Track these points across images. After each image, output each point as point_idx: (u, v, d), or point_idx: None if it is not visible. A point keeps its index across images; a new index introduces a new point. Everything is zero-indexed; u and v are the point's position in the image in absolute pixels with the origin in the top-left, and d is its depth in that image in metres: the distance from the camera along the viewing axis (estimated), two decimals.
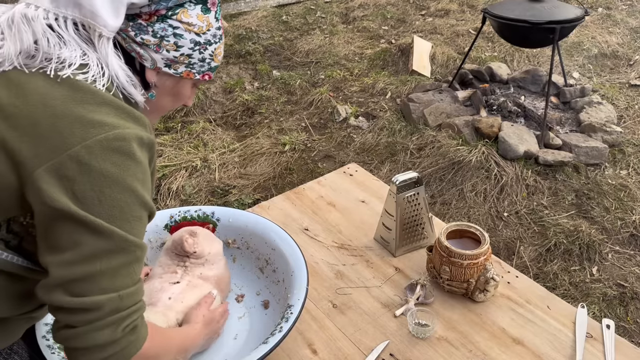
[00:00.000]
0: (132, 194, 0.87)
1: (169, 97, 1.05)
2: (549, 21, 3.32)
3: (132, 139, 0.87)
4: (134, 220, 0.88)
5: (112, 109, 0.88)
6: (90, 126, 0.84)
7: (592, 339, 1.28)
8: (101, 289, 0.86)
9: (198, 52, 0.99)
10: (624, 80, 4.35)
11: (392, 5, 6.02)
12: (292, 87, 4.39)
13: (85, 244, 0.84)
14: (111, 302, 0.87)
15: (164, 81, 1.01)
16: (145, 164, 0.90)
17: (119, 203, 0.86)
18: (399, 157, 3.46)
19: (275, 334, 1.16)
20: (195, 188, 3.25)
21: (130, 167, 0.86)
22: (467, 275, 1.35)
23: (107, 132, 0.85)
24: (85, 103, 0.86)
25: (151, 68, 0.98)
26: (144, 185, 0.90)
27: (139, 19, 0.94)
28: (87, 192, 0.84)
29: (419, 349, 1.27)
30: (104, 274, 0.86)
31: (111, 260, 0.86)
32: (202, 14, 0.97)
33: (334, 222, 1.68)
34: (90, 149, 0.83)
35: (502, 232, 2.88)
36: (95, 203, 0.84)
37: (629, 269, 2.63)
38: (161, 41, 0.95)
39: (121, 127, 0.86)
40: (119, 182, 0.85)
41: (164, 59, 0.97)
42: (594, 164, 3.32)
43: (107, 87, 0.91)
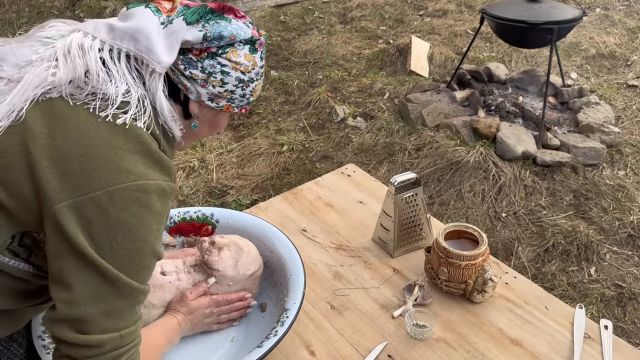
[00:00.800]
0: (143, 244, 0.90)
1: (207, 127, 1.10)
2: (546, 21, 3.32)
3: (153, 192, 0.90)
4: (142, 269, 0.92)
5: (142, 156, 0.91)
6: (116, 173, 0.87)
7: (590, 339, 1.28)
8: (104, 329, 0.90)
9: (241, 89, 1.03)
10: (622, 81, 4.35)
11: (390, 6, 6.03)
12: (290, 87, 4.39)
13: (92, 285, 0.88)
14: (113, 341, 0.91)
15: (205, 113, 1.06)
16: (162, 214, 0.93)
17: (130, 252, 0.89)
18: (397, 158, 3.46)
19: (271, 337, 1.16)
20: (192, 189, 3.24)
21: (147, 219, 0.89)
22: (465, 276, 1.35)
23: (131, 182, 0.88)
24: (118, 149, 0.89)
25: (195, 100, 1.02)
26: (157, 235, 0.93)
27: (189, 54, 0.97)
28: (102, 237, 0.87)
29: (417, 350, 1.26)
30: (107, 315, 0.90)
31: (114, 304, 0.90)
32: (249, 54, 1.01)
33: (331, 222, 1.68)
34: (111, 195, 0.86)
35: (500, 233, 2.88)
36: (108, 248, 0.87)
37: (626, 269, 2.63)
38: (209, 77, 0.99)
39: (146, 177, 0.89)
40: (133, 233, 0.88)
41: (208, 93, 1.01)
42: (592, 165, 3.32)
43: (147, 125, 0.93)
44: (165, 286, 1.26)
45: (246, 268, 1.31)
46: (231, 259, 1.30)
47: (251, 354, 1.11)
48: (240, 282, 1.30)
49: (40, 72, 0.91)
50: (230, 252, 1.30)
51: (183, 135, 1.06)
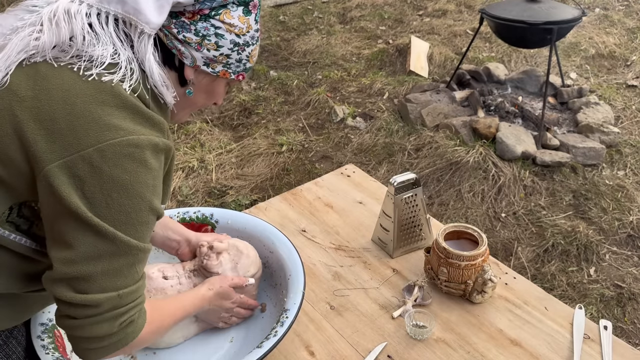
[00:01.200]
0: (140, 200, 0.89)
1: (203, 95, 1.07)
2: (546, 22, 3.32)
3: (145, 146, 0.88)
4: (140, 225, 0.91)
5: (131, 113, 0.89)
6: (105, 129, 0.86)
7: (590, 340, 1.28)
8: (101, 288, 0.89)
9: (236, 52, 1.01)
10: (621, 81, 4.36)
11: (390, 6, 6.03)
12: (290, 87, 4.39)
13: (89, 244, 0.87)
14: (110, 301, 0.90)
15: (201, 79, 1.03)
16: (158, 170, 0.92)
17: (126, 208, 0.88)
18: (396, 158, 3.46)
19: (270, 338, 1.15)
20: (192, 189, 3.24)
21: (141, 174, 0.88)
22: (465, 276, 1.35)
23: (122, 137, 0.86)
24: (105, 105, 0.88)
25: (190, 65, 1.00)
26: (154, 191, 0.91)
27: (182, 17, 0.96)
28: (96, 194, 0.86)
29: (417, 350, 1.26)
30: (105, 274, 0.89)
31: (113, 262, 0.89)
32: (243, 16, 0.99)
33: (331, 223, 1.68)
34: (102, 152, 0.85)
35: (499, 233, 2.88)
36: (103, 206, 0.86)
37: (626, 269, 2.63)
38: (203, 40, 0.97)
39: (136, 132, 0.88)
40: (128, 189, 0.87)
41: (203, 57, 0.99)
42: (592, 165, 3.32)
43: (133, 88, 0.92)
44: (167, 290, 1.27)
45: (245, 270, 1.31)
46: (230, 262, 1.30)
47: (251, 354, 1.11)
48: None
49: (24, 37, 0.90)
50: (230, 255, 1.30)
51: (178, 105, 1.05)
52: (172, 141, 0.95)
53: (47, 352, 1.12)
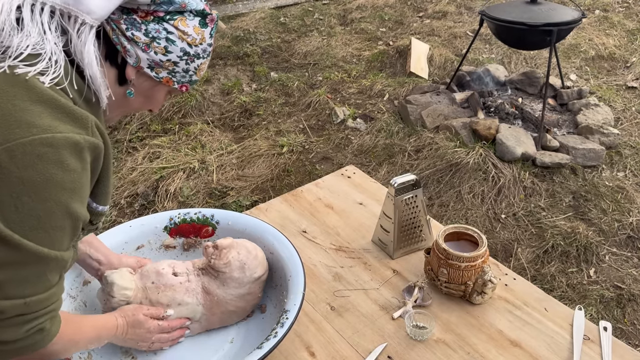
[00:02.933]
0: (53, 204, 0.82)
1: (141, 98, 1.03)
2: (546, 23, 3.33)
3: (62, 146, 0.81)
4: (54, 230, 0.84)
5: (48, 108, 0.82)
6: (15, 126, 0.79)
7: (590, 341, 1.28)
8: (6, 295, 0.83)
9: (185, 62, 0.98)
10: (621, 82, 4.36)
11: (390, 7, 6.03)
12: (290, 88, 4.39)
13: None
14: (15, 308, 0.84)
15: (142, 82, 0.99)
16: (80, 170, 0.85)
17: (37, 212, 0.81)
18: (396, 159, 3.47)
19: (270, 339, 1.16)
20: (193, 190, 3.25)
21: (56, 175, 0.81)
22: (465, 277, 1.35)
23: (34, 136, 0.79)
24: (17, 99, 0.81)
25: (133, 65, 0.96)
26: (73, 194, 0.84)
27: (134, 14, 0.92)
28: (4, 197, 0.79)
29: (417, 351, 1.27)
30: (10, 282, 0.83)
31: (18, 271, 0.83)
32: (199, 27, 0.97)
33: (332, 224, 1.68)
34: (11, 152, 0.78)
35: (499, 234, 2.89)
36: (12, 210, 0.79)
37: (626, 270, 2.63)
38: (152, 42, 0.94)
39: (52, 130, 0.80)
40: (40, 192, 0.80)
41: (149, 59, 0.95)
42: (591, 166, 3.33)
43: (57, 82, 0.86)
44: (175, 287, 1.27)
45: (253, 271, 1.31)
46: (238, 261, 1.30)
47: (251, 355, 1.11)
48: (246, 284, 1.31)
49: None
50: (238, 255, 1.31)
51: (113, 104, 0.99)
52: (100, 138, 0.89)
53: None
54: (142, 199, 3.18)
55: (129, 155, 3.59)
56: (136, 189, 3.25)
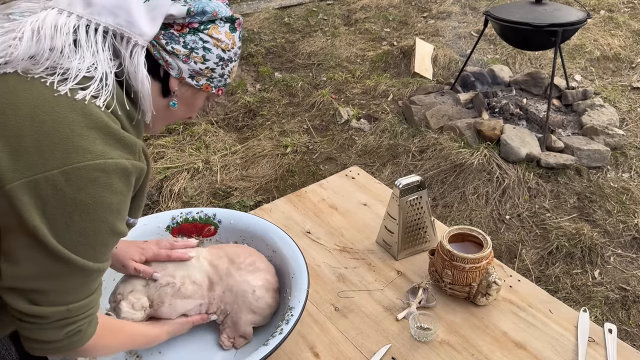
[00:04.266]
0: (101, 224, 0.88)
1: (184, 107, 1.07)
2: (551, 24, 3.32)
3: (112, 171, 0.86)
4: (99, 247, 0.90)
5: (102, 134, 0.87)
6: (72, 151, 0.83)
7: (594, 343, 1.28)
8: (51, 302, 0.90)
9: (220, 67, 1.02)
10: (626, 83, 4.35)
11: (394, 8, 6.03)
12: (294, 89, 4.39)
13: (42, 265, 0.86)
14: (58, 314, 0.91)
15: (184, 91, 1.03)
16: (126, 193, 0.91)
17: (86, 231, 0.87)
18: (400, 160, 3.46)
19: (276, 335, 1.16)
20: (197, 190, 3.25)
21: (105, 199, 0.87)
22: (469, 279, 1.35)
23: (89, 161, 0.84)
24: (75, 125, 0.85)
25: (176, 77, 1.00)
26: (118, 215, 0.90)
27: (171, 29, 0.96)
28: (57, 217, 0.84)
29: (421, 352, 1.26)
30: (55, 291, 0.89)
31: (64, 282, 0.90)
32: (229, 32, 1.01)
33: (336, 225, 1.68)
34: (67, 175, 0.83)
35: (504, 235, 2.88)
36: (63, 228, 0.85)
37: (631, 272, 2.62)
38: (191, 52, 0.98)
39: (105, 156, 0.86)
40: (90, 212, 0.86)
41: (190, 69, 0.99)
42: (596, 167, 3.31)
43: (107, 104, 0.89)
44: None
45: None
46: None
47: (257, 352, 1.11)
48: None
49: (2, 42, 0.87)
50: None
51: (157, 116, 1.04)
52: (144, 161, 0.94)
53: None
54: (147, 199, 3.19)
55: None
56: None
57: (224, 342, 1.28)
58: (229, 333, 1.29)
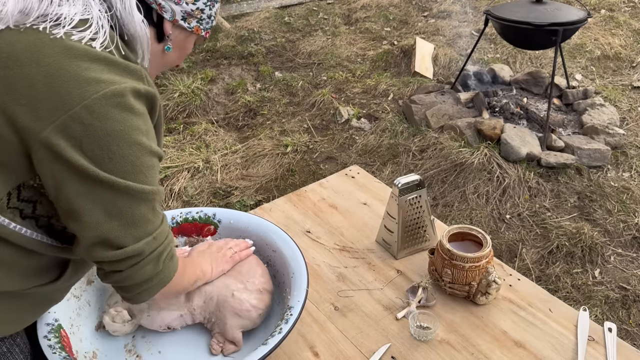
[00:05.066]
0: (139, 147, 0.88)
1: (177, 52, 1.08)
2: (551, 23, 3.32)
3: (128, 93, 0.87)
4: (147, 170, 0.91)
5: (106, 65, 0.87)
6: (86, 84, 0.84)
7: (594, 342, 1.28)
8: (137, 237, 0.92)
9: (209, 7, 1.03)
10: (627, 82, 4.34)
11: (395, 7, 6.02)
12: (294, 88, 4.39)
13: (107, 202, 0.87)
14: (149, 245, 0.93)
15: (177, 34, 1.04)
16: (146, 114, 0.91)
17: (130, 158, 0.87)
18: (401, 159, 3.46)
19: (275, 335, 1.16)
20: (197, 189, 3.25)
21: (132, 121, 0.87)
22: (469, 278, 1.35)
23: (105, 89, 0.84)
24: (79, 60, 0.85)
25: (169, 20, 1.00)
26: (149, 135, 0.91)
27: None
28: (96, 151, 0.85)
29: (421, 351, 1.26)
30: (133, 225, 0.91)
31: (135, 212, 0.91)
32: None
33: (335, 224, 1.68)
34: (90, 108, 0.83)
35: (504, 234, 2.88)
36: (107, 161, 0.85)
37: (631, 271, 2.62)
38: None
39: (117, 82, 0.86)
40: (125, 138, 0.86)
41: (182, 11, 1.00)
42: (597, 166, 3.31)
43: (105, 46, 0.90)
44: None
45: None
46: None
47: (256, 351, 1.11)
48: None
49: None
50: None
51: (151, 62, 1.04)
52: (154, 87, 0.94)
53: (54, 351, 1.12)
54: None
55: None
56: None
57: (213, 347, 1.27)
58: (219, 338, 1.28)
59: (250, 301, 1.27)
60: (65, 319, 1.23)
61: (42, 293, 1.05)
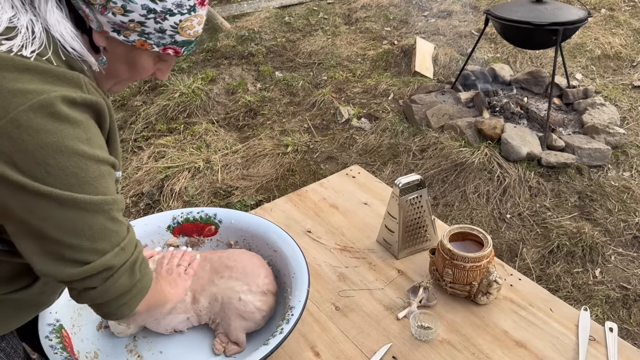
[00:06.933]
0: (80, 157, 0.82)
1: (124, 65, 0.95)
2: (551, 23, 3.31)
3: (58, 102, 0.80)
4: (94, 180, 0.84)
5: (36, 74, 0.81)
6: (11, 96, 0.78)
7: (595, 341, 1.28)
8: (101, 251, 0.86)
9: (153, 20, 0.88)
10: (627, 82, 4.34)
11: (395, 6, 6.02)
12: (295, 88, 4.39)
13: (56, 217, 0.82)
14: (118, 257, 0.88)
15: (115, 47, 0.92)
16: (86, 122, 0.84)
17: (70, 169, 0.81)
18: (401, 159, 3.46)
19: (276, 335, 1.16)
20: (198, 189, 3.25)
21: (67, 130, 0.80)
22: (470, 277, 1.35)
23: (32, 100, 0.78)
24: (4, 71, 0.80)
25: (97, 30, 0.89)
26: (92, 143, 0.84)
27: None
28: (32, 166, 0.79)
29: (422, 351, 1.27)
30: (95, 237, 0.85)
31: (92, 224, 0.84)
32: None
33: (336, 224, 1.68)
34: (17, 122, 0.78)
35: (504, 234, 2.88)
36: (45, 175, 0.79)
37: (632, 271, 2.62)
38: (107, 2, 0.85)
39: (45, 92, 0.80)
40: (61, 150, 0.80)
41: (110, 22, 0.87)
42: (597, 166, 3.31)
43: (39, 52, 0.83)
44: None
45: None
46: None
47: (257, 351, 1.11)
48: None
49: None
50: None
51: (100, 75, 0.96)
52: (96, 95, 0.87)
53: (56, 352, 1.13)
54: (148, 199, 3.19)
55: (134, 155, 3.60)
56: (141, 188, 3.26)
57: (216, 346, 1.27)
58: (222, 338, 1.28)
59: (254, 303, 1.28)
60: (66, 319, 1.23)
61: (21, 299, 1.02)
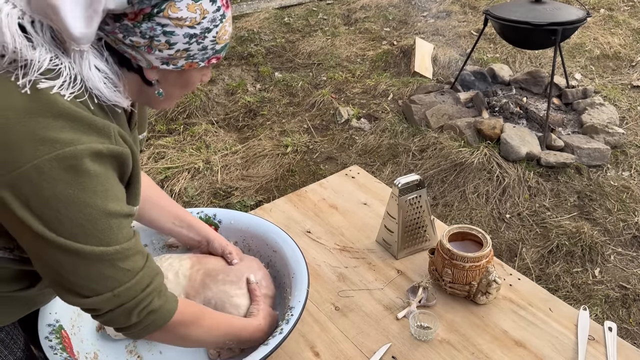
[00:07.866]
0: (92, 210, 0.84)
1: (177, 88, 0.99)
2: (551, 23, 3.32)
3: (84, 155, 0.82)
4: (101, 232, 0.86)
5: (69, 122, 0.82)
6: (40, 144, 0.80)
7: (594, 341, 1.28)
8: (94, 291, 0.89)
9: (196, 43, 0.90)
10: (626, 82, 4.35)
11: (394, 7, 6.03)
12: (294, 88, 4.40)
13: (59, 260, 0.85)
14: (108, 302, 0.90)
15: (166, 75, 0.95)
16: (105, 174, 0.86)
17: (79, 221, 0.84)
18: (400, 159, 3.46)
19: (276, 335, 1.16)
20: (197, 190, 3.26)
21: (85, 184, 0.83)
22: (469, 277, 1.35)
23: (58, 151, 0.80)
24: (40, 116, 0.81)
25: (147, 68, 0.91)
26: (107, 196, 0.86)
27: (124, 19, 0.85)
28: (45, 211, 0.82)
29: (421, 351, 1.27)
30: (91, 279, 0.88)
31: (90, 270, 0.87)
32: (192, 4, 0.86)
33: (336, 224, 1.68)
34: (39, 169, 0.80)
35: (504, 234, 2.88)
36: (55, 222, 0.83)
37: (631, 270, 2.62)
38: (151, 42, 0.87)
39: (74, 143, 0.81)
40: (75, 202, 0.83)
41: (158, 58, 0.89)
42: (596, 166, 3.31)
43: (76, 95, 0.85)
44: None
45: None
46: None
47: (257, 351, 1.12)
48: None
49: None
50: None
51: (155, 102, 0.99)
52: (123, 145, 0.89)
53: (56, 352, 1.13)
54: None
55: None
56: None
57: (210, 352, 1.26)
58: None
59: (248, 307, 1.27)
60: (66, 319, 1.23)
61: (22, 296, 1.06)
